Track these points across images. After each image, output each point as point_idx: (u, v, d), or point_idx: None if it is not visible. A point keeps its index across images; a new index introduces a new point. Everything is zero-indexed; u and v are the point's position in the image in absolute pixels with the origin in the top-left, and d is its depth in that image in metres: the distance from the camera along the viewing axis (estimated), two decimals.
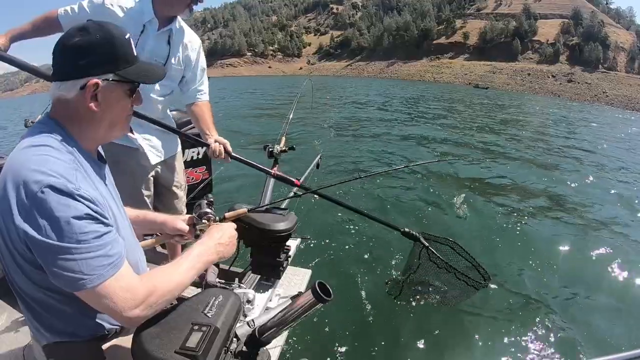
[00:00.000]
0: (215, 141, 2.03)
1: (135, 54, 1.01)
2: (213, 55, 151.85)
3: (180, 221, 1.37)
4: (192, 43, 2.16)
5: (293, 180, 2.23)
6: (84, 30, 0.92)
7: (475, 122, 17.33)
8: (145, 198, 2.20)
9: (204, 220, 1.33)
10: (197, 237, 1.34)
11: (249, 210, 1.45)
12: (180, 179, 2.44)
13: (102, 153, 1.13)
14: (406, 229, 2.29)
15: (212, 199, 1.40)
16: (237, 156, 2.06)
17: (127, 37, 0.98)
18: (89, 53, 0.91)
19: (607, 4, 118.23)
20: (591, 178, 8.03)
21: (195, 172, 3.01)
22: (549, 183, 7.42)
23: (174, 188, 2.40)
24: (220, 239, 1.19)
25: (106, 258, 0.85)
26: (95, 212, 0.85)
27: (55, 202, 0.79)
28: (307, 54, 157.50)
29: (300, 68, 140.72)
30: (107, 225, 0.88)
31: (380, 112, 19.43)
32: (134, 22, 1.92)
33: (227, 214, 1.41)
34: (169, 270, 1.00)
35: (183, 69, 2.14)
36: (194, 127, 2.90)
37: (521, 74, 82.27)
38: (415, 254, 2.24)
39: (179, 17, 2.07)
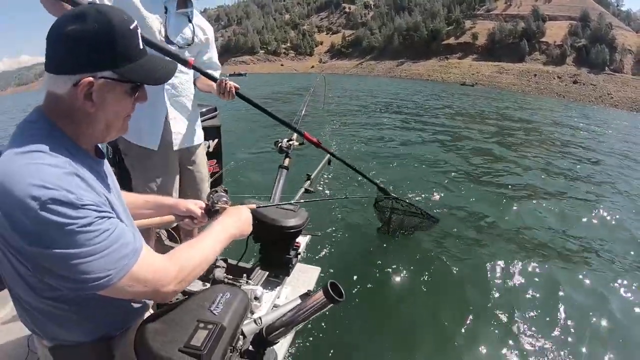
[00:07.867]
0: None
1: (141, 47, 0.88)
2: (227, 52, 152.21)
3: (192, 203, 1.36)
4: (207, 30, 2.24)
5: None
6: (81, 17, 0.79)
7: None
8: (173, 192, 2.25)
9: (220, 203, 1.34)
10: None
11: (257, 207, 1.45)
12: (204, 170, 2.46)
13: (100, 147, 1.03)
14: (382, 186, 3.71)
15: (226, 188, 1.42)
16: (244, 95, 2.17)
17: (132, 27, 0.84)
18: (84, 46, 0.79)
19: (617, 6, 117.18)
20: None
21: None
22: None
23: (197, 179, 2.42)
24: (238, 218, 1.21)
25: (125, 246, 0.82)
26: (101, 211, 0.79)
27: (60, 215, 0.71)
28: (319, 52, 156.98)
29: (312, 66, 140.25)
30: (115, 218, 0.84)
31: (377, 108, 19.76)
32: (156, 3, 1.93)
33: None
34: (193, 246, 1.01)
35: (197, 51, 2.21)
36: (212, 119, 2.90)
37: (527, 75, 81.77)
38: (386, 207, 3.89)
39: (194, 7, 2.12)
